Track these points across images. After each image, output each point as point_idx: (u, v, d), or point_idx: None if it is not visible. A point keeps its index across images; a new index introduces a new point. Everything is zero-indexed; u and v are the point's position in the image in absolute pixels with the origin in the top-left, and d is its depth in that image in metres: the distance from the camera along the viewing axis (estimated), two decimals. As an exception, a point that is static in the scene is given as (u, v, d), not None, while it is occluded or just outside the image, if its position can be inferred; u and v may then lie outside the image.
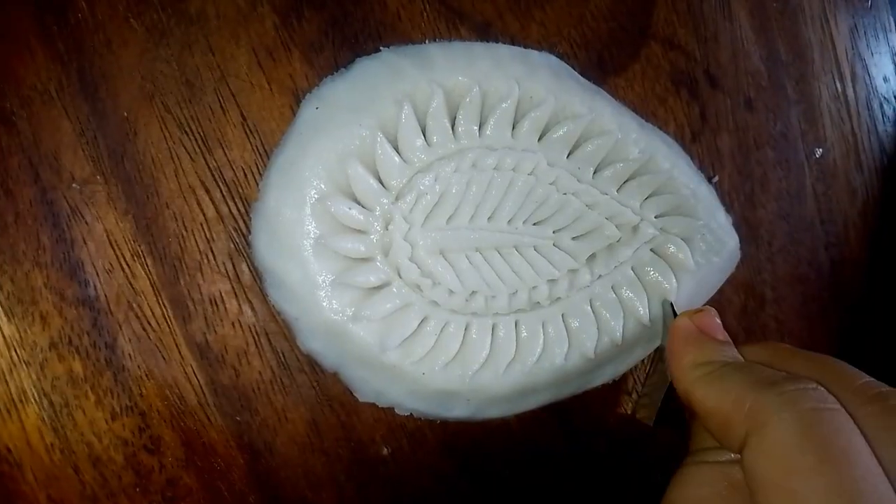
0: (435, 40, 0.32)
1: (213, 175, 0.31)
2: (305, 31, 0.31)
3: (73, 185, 0.30)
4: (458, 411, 0.32)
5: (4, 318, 0.30)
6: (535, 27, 0.33)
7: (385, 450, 0.33)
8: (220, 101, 0.31)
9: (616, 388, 0.35)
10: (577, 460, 0.35)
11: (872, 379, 0.25)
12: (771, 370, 0.25)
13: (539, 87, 0.31)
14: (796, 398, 0.22)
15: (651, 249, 0.33)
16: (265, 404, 0.32)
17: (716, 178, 0.35)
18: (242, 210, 0.31)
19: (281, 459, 0.32)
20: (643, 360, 0.34)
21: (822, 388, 0.23)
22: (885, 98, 0.38)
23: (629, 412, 0.34)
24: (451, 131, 0.31)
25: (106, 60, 0.30)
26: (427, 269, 0.31)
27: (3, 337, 0.30)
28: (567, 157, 0.32)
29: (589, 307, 0.32)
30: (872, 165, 0.38)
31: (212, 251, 0.31)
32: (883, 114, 0.38)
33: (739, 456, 0.23)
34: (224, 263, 0.31)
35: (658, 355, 0.33)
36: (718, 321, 0.29)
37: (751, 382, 0.24)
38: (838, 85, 0.37)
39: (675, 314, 0.32)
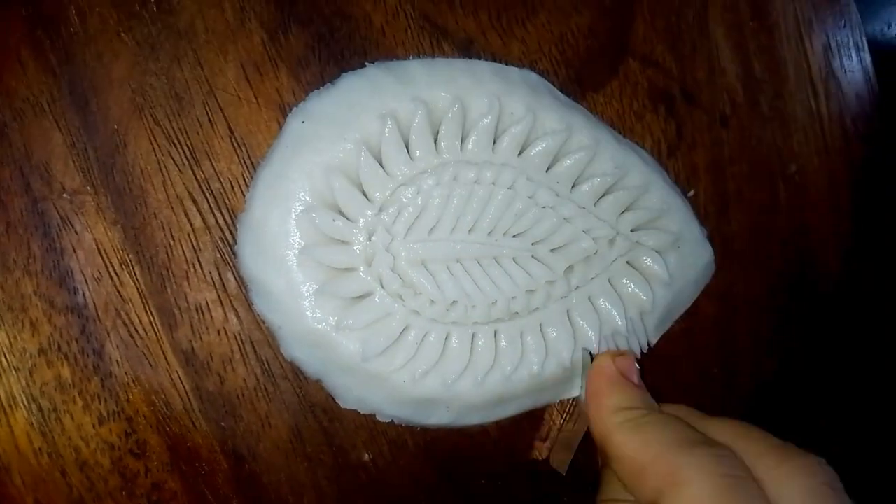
0: (419, 56, 0.33)
1: (200, 186, 0.32)
2: (292, 47, 0.32)
3: (64, 195, 0.31)
4: (437, 418, 0.33)
5: (-6, 325, 0.31)
6: (517, 45, 0.34)
7: (366, 456, 0.34)
8: (208, 114, 0.32)
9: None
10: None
11: (780, 440, 0.26)
12: (691, 430, 0.26)
13: (518, 103, 0.32)
14: (713, 463, 0.24)
15: (627, 262, 0.34)
16: (249, 410, 0.33)
17: (691, 193, 0.36)
18: (229, 221, 0.32)
19: (264, 465, 0.33)
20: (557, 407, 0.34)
21: (736, 456, 0.24)
22: (857, 115, 0.39)
23: (542, 458, 0.34)
24: (433, 146, 0.31)
25: (97, 73, 0.31)
26: (409, 280, 0.31)
27: (-7, 343, 0.31)
28: (546, 171, 0.33)
29: (566, 317, 0.33)
30: (845, 181, 0.39)
31: (198, 260, 0.32)
32: (856, 130, 0.39)
33: None
34: (210, 272, 0.32)
35: (576, 403, 0.34)
36: (637, 366, 0.30)
37: (671, 440, 0.25)
38: (812, 102, 0.38)
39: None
